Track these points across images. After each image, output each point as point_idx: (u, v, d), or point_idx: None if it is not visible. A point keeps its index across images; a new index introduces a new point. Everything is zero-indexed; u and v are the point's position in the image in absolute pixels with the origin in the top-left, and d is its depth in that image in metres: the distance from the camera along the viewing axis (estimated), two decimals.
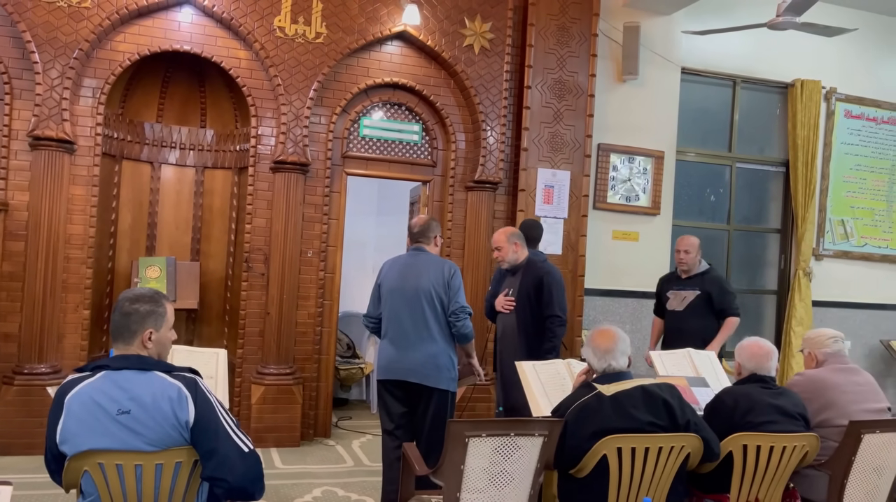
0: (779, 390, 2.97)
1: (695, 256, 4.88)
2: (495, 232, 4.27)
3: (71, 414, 1.99)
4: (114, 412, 1.97)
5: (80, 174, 4.65)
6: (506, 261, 4.13)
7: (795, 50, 6.52)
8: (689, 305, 4.82)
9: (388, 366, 3.63)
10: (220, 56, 4.91)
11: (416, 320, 3.55)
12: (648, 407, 2.60)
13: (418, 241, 3.72)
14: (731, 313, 4.75)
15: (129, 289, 2.18)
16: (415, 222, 3.80)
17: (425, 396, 3.57)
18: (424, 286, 3.55)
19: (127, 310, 2.09)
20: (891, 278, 7.01)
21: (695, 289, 4.82)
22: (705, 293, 4.78)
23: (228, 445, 2.03)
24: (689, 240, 4.92)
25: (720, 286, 4.79)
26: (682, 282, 4.94)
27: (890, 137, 7.00)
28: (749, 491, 2.80)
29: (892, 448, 2.96)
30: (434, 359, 3.52)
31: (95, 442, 1.97)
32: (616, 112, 5.96)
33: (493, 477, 2.46)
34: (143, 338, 2.09)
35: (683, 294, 4.87)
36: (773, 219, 6.97)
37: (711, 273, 4.88)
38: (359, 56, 5.19)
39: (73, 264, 4.64)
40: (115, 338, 2.11)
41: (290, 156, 4.93)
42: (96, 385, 2.00)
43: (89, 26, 4.56)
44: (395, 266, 3.71)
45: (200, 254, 5.35)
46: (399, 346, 3.58)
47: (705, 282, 4.82)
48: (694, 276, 4.88)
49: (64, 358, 4.61)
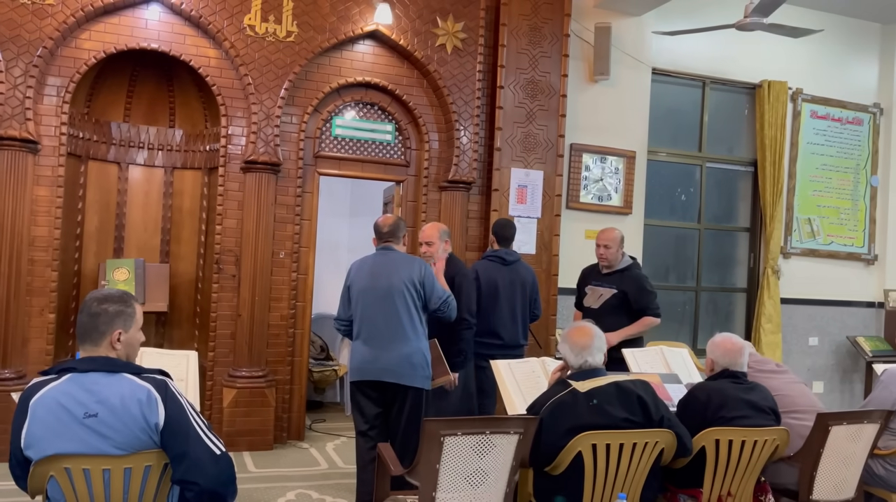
0: (750, 385, 3.01)
1: (616, 251, 4.52)
2: (426, 225, 4.16)
3: (36, 419, 1.93)
4: (80, 415, 1.92)
5: (44, 175, 4.54)
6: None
7: (763, 51, 6.63)
8: (605, 303, 4.50)
9: (362, 367, 3.58)
10: (188, 55, 4.84)
11: (389, 319, 3.51)
12: (623, 404, 2.63)
13: (388, 241, 3.70)
14: (649, 313, 4.44)
15: (96, 290, 2.13)
16: (383, 222, 3.73)
17: (400, 395, 3.54)
18: (397, 284, 3.52)
19: (95, 311, 2.05)
20: (856, 275, 7.15)
21: (612, 287, 4.51)
22: (622, 292, 4.46)
23: (200, 448, 1.99)
24: (610, 233, 4.57)
25: (639, 285, 4.47)
26: (601, 277, 4.62)
27: (854, 137, 7.15)
28: (722, 485, 2.83)
29: (859, 439, 3.01)
30: (409, 357, 3.49)
31: (62, 447, 1.92)
32: (588, 112, 6.00)
33: (469, 475, 2.45)
34: (112, 339, 2.05)
35: (600, 291, 4.56)
36: (743, 218, 7.07)
37: (632, 270, 4.54)
38: (330, 55, 5.15)
39: (37, 267, 4.53)
40: (83, 340, 2.06)
41: (262, 156, 4.88)
42: (62, 388, 1.95)
43: (53, 24, 4.47)
44: (365, 266, 3.66)
45: (170, 255, 5.26)
46: (373, 346, 3.53)
47: (624, 280, 4.49)
48: (613, 273, 4.55)
49: (28, 362, 4.49)
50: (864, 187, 7.20)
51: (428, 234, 4.04)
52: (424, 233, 4.08)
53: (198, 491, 2.01)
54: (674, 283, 6.82)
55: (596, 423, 2.56)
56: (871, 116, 7.18)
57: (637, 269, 4.58)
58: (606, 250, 4.52)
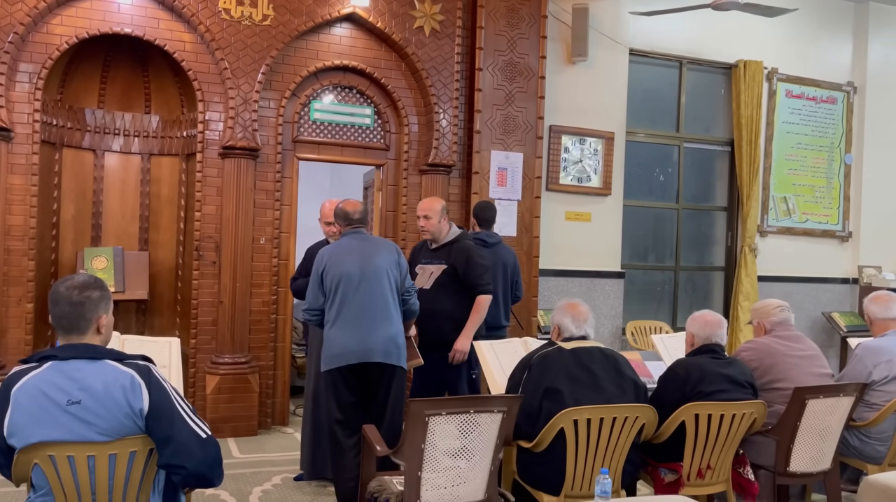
0: (728, 360, 3.07)
1: (437, 222, 4.02)
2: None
3: (18, 407, 1.92)
4: (63, 403, 1.91)
5: (18, 163, 4.48)
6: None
7: (738, 31, 6.67)
8: (437, 282, 4.02)
9: (346, 351, 3.42)
10: (163, 39, 4.77)
11: (376, 300, 3.46)
12: (601, 364, 2.82)
13: (360, 225, 3.64)
14: (479, 290, 3.95)
15: (63, 280, 2.07)
16: (353, 208, 3.64)
17: (386, 376, 3.48)
18: (382, 266, 3.50)
19: (78, 300, 2.01)
20: (831, 253, 7.27)
21: (441, 263, 4.03)
22: (451, 267, 3.98)
23: (185, 432, 1.99)
24: (429, 202, 4.11)
25: (466, 256, 3.97)
26: (429, 253, 4.13)
27: (829, 116, 7.23)
28: (701, 458, 2.89)
29: (835, 412, 3.08)
30: (394, 338, 3.47)
31: (45, 435, 1.91)
32: (566, 93, 6.01)
33: (454, 454, 2.48)
34: (99, 324, 2.05)
35: (430, 268, 4.06)
36: (720, 198, 7.14)
37: (460, 242, 4.05)
38: (307, 38, 5.11)
39: (13, 256, 4.48)
40: (68, 330, 2.02)
41: (240, 142, 4.84)
42: (44, 376, 1.94)
43: (24, 9, 4.38)
44: (341, 251, 3.55)
45: (149, 243, 5.22)
46: (358, 328, 3.43)
47: (452, 254, 4.01)
48: (442, 247, 4.06)
49: (7, 353, 4.45)
50: (839, 165, 7.30)
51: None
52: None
53: (185, 475, 2.02)
54: (653, 263, 6.89)
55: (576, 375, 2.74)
56: (845, 95, 7.26)
57: (467, 240, 4.10)
58: (427, 221, 4.03)
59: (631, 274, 6.54)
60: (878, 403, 3.31)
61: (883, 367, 3.36)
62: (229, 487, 3.94)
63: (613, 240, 6.23)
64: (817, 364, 3.31)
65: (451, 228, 4.11)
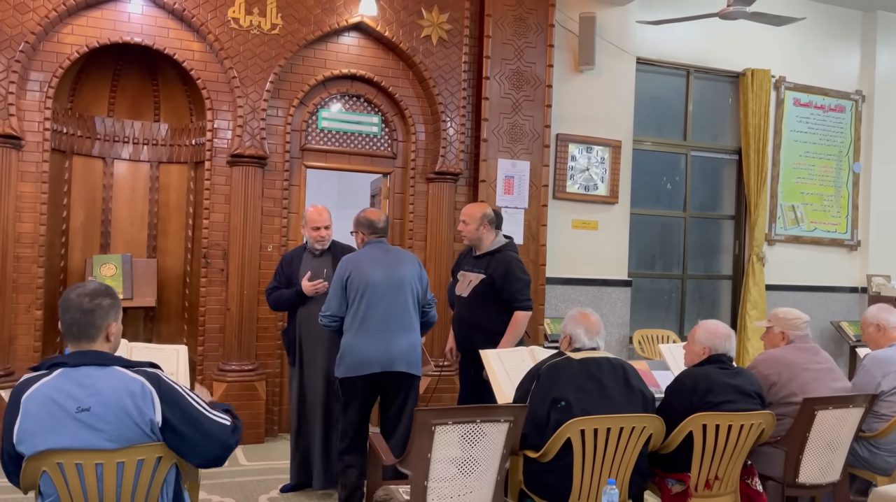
0: (736, 370, 3.05)
1: (476, 228, 3.91)
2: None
3: (28, 414, 1.93)
4: (73, 410, 1.92)
5: (28, 171, 4.51)
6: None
7: (746, 39, 6.67)
8: (474, 291, 3.91)
9: (369, 360, 3.40)
10: (172, 48, 4.80)
11: (399, 310, 3.49)
12: (610, 373, 2.80)
13: (383, 236, 3.68)
14: (516, 305, 3.81)
15: (74, 288, 2.08)
16: (377, 217, 3.68)
17: (405, 385, 3.51)
18: (407, 277, 3.54)
19: (89, 307, 2.02)
20: (840, 261, 7.24)
21: (480, 272, 3.93)
22: (490, 277, 3.86)
23: (211, 427, 2.06)
24: (470, 208, 4.01)
25: (506, 269, 3.84)
26: (472, 260, 4.03)
27: (837, 124, 7.21)
28: (709, 469, 2.87)
29: (845, 424, 3.06)
30: (415, 347, 3.53)
31: (54, 442, 1.92)
32: (573, 102, 6.02)
33: (460, 464, 2.48)
34: (109, 332, 2.06)
35: (470, 276, 3.97)
36: (728, 206, 7.13)
37: (502, 252, 3.92)
38: (315, 47, 5.13)
39: (23, 263, 4.50)
40: (77, 338, 2.03)
41: (248, 150, 4.86)
42: (54, 383, 1.95)
43: (35, 18, 4.42)
44: (367, 260, 3.55)
45: (157, 250, 5.24)
46: (382, 337, 3.42)
47: (492, 264, 3.89)
48: (484, 255, 3.96)
49: (16, 360, 4.47)
50: (847, 174, 7.27)
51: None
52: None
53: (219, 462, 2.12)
54: (660, 271, 6.88)
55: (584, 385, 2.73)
56: (853, 103, 7.25)
57: (510, 251, 3.96)
58: (464, 226, 3.96)
59: (638, 282, 6.53)
60: (887, 414, 3.29)
61: (892, 377, 3.33)
62: (236, 494, 3.94)
63: (620, 249, 6.22)
64: (834, 377, 3.29)
65: (497, 237, 3.98)
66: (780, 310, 3.48)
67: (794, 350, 3.32)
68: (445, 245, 5.37)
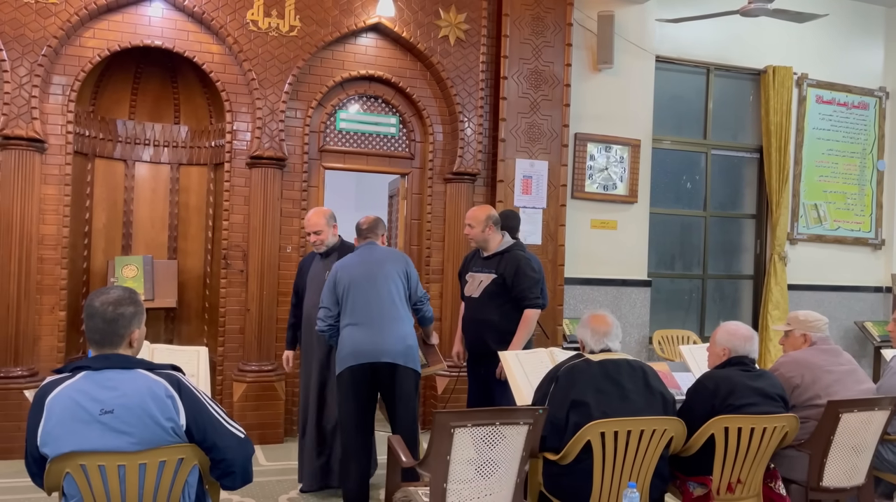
0: (758, 372, 3.01)
1: (481, 230, 3.96)
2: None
3: (52, 417, 1.95)
4: (96, 412, 1.94)
5: (51, 173, 4.57)
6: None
7: (767, 36, 6.59)
8: (485, 291, 3.95)
9: (357, 351, 3.49)
10: (192, 51, 4.84)
11: (383, 303, 3.56)
12: (629, 375, 2.78)
13: (368, 237, 3.82)
14: (527, 303, 3.84)
15: (98, 293, 2.11)
16: (364, 220, 3.87)
17: (398, 377, 3.53)
18: (389, 272, 3.63)
19: (112, 316, 2.04)
20: (863, 260, 7.13)
21: (491, 272, 3.96)
22: (501, 277, 3.91)
23: (226, 435, 2.08)
24: (474, 211, 4.06)
25: (517, 268, 3.88)
26: (481, 261, 4.08)
27: (860, 122, 7.11)
28: (731, 472, 2.84)
29: (870, 426, 3.01)
30: (404, 339, 3.55)
31: (78, 444, 1.94)
32: (592, 101, 5.98)
33: (479, 466, 2.47)
34: (132, 339, 2.09)
35: (480, 277, 4.01)
36: (749, 205, 7.05)
37: (511, 251, 3.97)
38: (333, 49, 5.15)
39: (47, 265, 4.56)
40: (101, 344, 2.05)
41: (267, 151, 4.89)
42: (77, 386, 1.97)
43: (57, 22, 4.48)
44: (352, 261, 3.69)
45: (178, 251, 5.29)
46: (369, 330, 3.50)
47: (502, 263, 3.93)
48: (493, 256, 3.99)
49: (40, 360, 4.53)
50: (871, 172, 7.16)
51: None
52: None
53: (234, 476, 2.13)
54: (680, 271, 6.82)
55: (603, 387, 2.71)
56: (877, 100, 7.14)
57: (519, 250, 4.01)
58: (470, 229, 4.01)
59: (658, 282, 6.48)
60: None
61: None
62: (255, 494, 3.96)
63: (640, 249, 6.18)
64: (857, 378, 3.24)
65: (504, 238, 4.05)
66: (800, 312, 3.44)
67: (816, 352, 3.28)
68: (463, 245, 5.36)
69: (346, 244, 4.09)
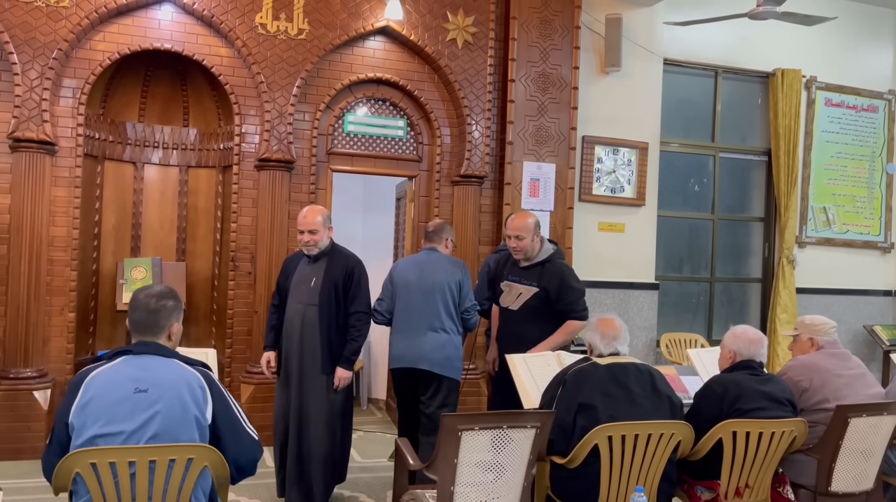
0: (766, 376, 3.01)
1: (531, 242, 3.66)
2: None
3: (88, 392, 2.05)
4: (131, 390, 2.05)
5: (61, 175, 4.60)
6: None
7: (776, 39, 6.57)
8: (526, 305, 3.68)
9: (400, 356, 3.82)
10: (201, 54, 4.87)
11: (428, 312, 3.77)
12: (636, 379, 2.79)
13: (431, 241, 4.00)
14: (573, 316, 3.61)
15: (142, 289, 2.27)
16: (430, 224, 4.09)
17: (433, 384, 3.76)
18: (440, 282, 3.79)
19: (154, 308, 2.19)
20: (873, 264, 7.09)
21: (532, 284, 3.68)
22: (544, 289, 3.64)
23: (245, 436, 2.20)
24: (520, 220, 3.69)
25: (561, 280, 3.63)
26: (519, 271, 3.77)
27: (869, 125, 7.08)
28: (739, 476, 2.83)
29: (879, 431, 3.00)
30: (443, 347, 3.73)
31: (108, 418, 2.02)
32: (600, 104, 5.98)
33: (487, 469, 2.47)
34: (171, 331, 2.23)
35: (520, 289, 3.73)
36: (757, 208, 7.03)
37: (553, 262, 3.71)
38: (342, 52, 5.17)
39: (56, 266, 4.59)
40: (143, 333, 2.19)
41: (275, 154, 4.90)
42: (117, 367, 2.10)
43: (68, 26, 4.51)
44: (410, 264, 3.97)
45: (186, 253, 5.31)
46: (410, 335, 3.77)
47: (544, 276, 3.66)
48: (534, 266, 3.71)
49: (50, 361, 4.56)
50: (880, 175, 7.13)
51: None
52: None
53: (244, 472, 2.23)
54: (688, 274, 6.80)
55: (610, 391, 2.72)
56: (887, 103, 7.10)
57: (560, 259, 3.77)
58: (519, 242, 3.67)
59: (665, 285, 6.46)
60: None
61: None
62: (263, 496, 3.97)
63: (647, 251, 6.16)
64: (866, 383, 3.23)
65: (544, 246, 3.73)
66: (806, 317, 3.45)
67: (824, 355, 3.27)
68: (471, 248, 5.37)
69: (337, 249, 3.77)
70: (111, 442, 2.01)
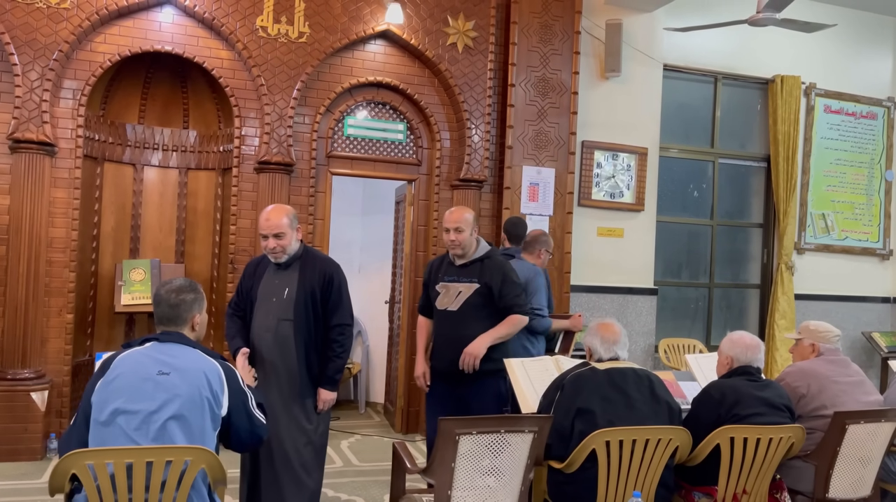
0: (764, 382, 3.01)
1: (469, 236, 3.49)
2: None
3: (115, 369, 2.17)
4: (154, 372, 2.16)
5: (61, 177, 4.60)
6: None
7: (775, 46, 6.59)
8: (468, 303, 3.49)
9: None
10: (202, 56, 4.87)
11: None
12: (635, 383, 2.78)
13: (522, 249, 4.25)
14: (517, 310, 3.47)
15: (163, 284, 2.37)
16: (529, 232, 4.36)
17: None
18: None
19: (175, 302, 2.32)
20: (871, 271, 7.10)
21: (472, 281, 3.49)
22: (486, 286, 3.47)
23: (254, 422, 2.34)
24: (459, 213, 3.53)
25: (504, 275, 3.49)
26: (455, 270, 3.56)
27: (868, 132, 7.09)
28: (737, 482, 2.83)
29: (877, 438, 3.00)
30: None
31: (130, 394, 2.12)
32: (599, 109, 5.99)
33: (484, 474, 2.47)
34: (194, 322, 2.36)
35: (458, 288, 3.52)
36: (756, 214, 7.04)
37: (493, 259, 3.55)
38: (342, 55, 5.17)
39: (55, 268, 4.59)
40: (166, 325, 2.32)
41: (275, 157, 4.91)
42: (144, 351, 2.24)
43: (69, 27, 4.51)
44: None
45: (185, 255, 5.31)
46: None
47: (485, 272, 3.49)
48: (472, 263, 3.53)
49: (48, 362, 4.55)
50: (879, 182, 7.14)
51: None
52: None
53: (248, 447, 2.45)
54: (687, 280, 6.80)
55: (609, 396, 2.71)
56: (886, 110, 7.12)
57: (499, 256, 3.66)
58: (458, 235, 3.47)
59: (664, 290, 6.47)
60: None
61: None
62: None
63: (646, 257, 6.17)
64: (865, 390, 3.23)
65: (480, 243, 3.60)
66: (812, 322, 3.43)
67: (823, 362, 3.27)
68: None
69: (311, 252, 3.28)
70: (130, 419, 2.10)
